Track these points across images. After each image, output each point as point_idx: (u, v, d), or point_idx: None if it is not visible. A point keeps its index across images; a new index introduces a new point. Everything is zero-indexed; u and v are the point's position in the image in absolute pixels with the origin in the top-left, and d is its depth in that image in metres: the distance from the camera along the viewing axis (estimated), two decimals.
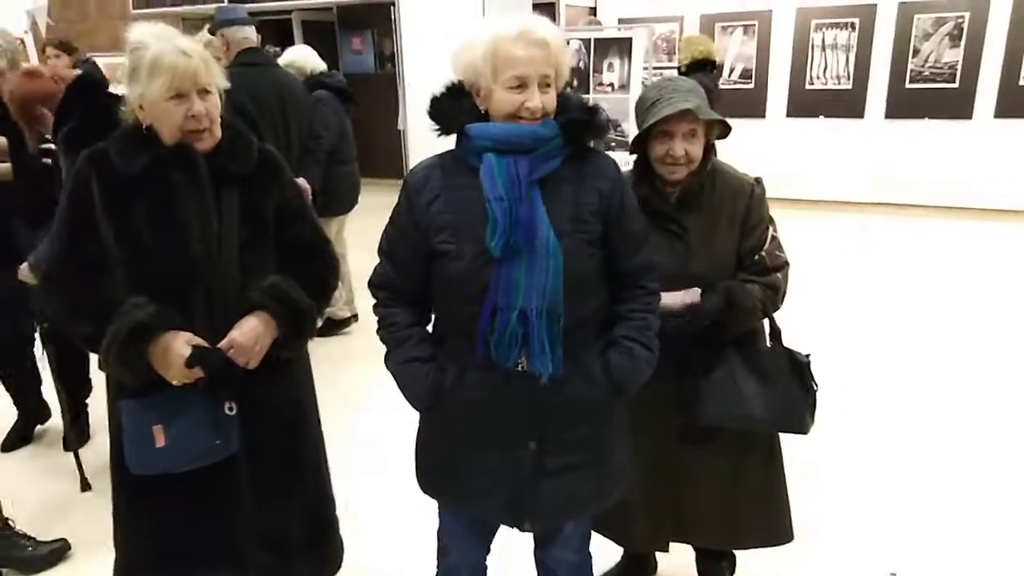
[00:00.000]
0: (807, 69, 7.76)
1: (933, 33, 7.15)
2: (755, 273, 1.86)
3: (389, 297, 1.61)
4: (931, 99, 7.26)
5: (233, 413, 1.69)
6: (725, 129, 1.88)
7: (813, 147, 7.82)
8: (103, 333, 1.57)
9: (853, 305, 4.98)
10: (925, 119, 7.34)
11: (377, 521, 2.65)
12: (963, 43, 7.04)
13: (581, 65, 5.14)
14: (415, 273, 1.57)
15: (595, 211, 1.52)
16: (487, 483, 1.59)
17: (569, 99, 1.54)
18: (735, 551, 2.21)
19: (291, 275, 1.76)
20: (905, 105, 7.39)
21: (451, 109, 1.51)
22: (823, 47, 7.65)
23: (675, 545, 2.11)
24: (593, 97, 5.13)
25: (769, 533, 2.04)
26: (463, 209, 1.49)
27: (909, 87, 7.35)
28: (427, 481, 1.71)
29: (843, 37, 7.54)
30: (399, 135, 8.17)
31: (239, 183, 1.72)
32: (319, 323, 1.83)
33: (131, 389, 1.65)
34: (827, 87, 7.70)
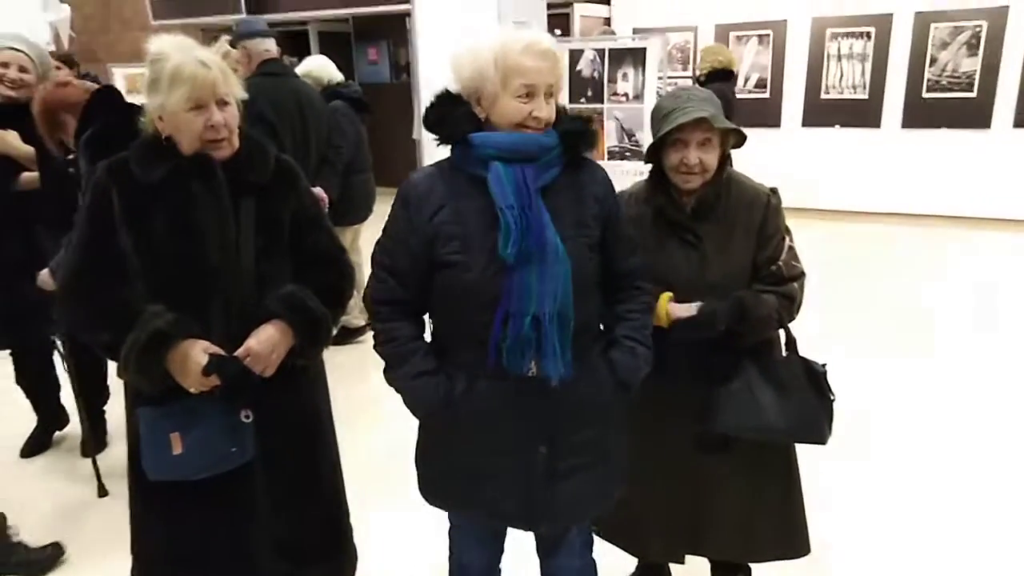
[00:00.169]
0: (823, 78, 7.71)
1: (950, 42, 7.10)
2: (771, 283, 1.85)
3: (390, 311, 1.59)
4: (948, 108, 7.19)
5: (249, 421, 1.70)
6: (740, 139, 1.88)
7: (828, 157, 7.76)
8: (122, 341, 1.59)
9: (869, 316, 4.93)
10: (942, 128, 7.27)
11: (391, 529, 2.65)
12: (981, 52, 6.98)
13: (595, 75, 5.14)
14: (415, 285, 1.56)
15: (595, 216, 1.58)
16: (498, 489, 1.59)
17: (560, 110, 1.57)
18: (751, 564, 2.19)
19: (307, 284, 1.77)
20: (922, 115, 7.33)
21: (452, 118, 1.52)
22: (839, 56, 7.60)
23: (689, 556, 2.10)
24: (607, 107, 5.13)
25: (786, 546, 2.03)
26: (471, 219, 1.50)
27: (926, 96, 7.28)
28: (432, 489, 1.71)
29: (859, 46, 7.50)
30: (414, 144, 8.19)
31: (256, 192, 1.74)
32: (334, 331, 1.84)
33: (148, 397, 1.67)
34: (843, 96, 7.65)
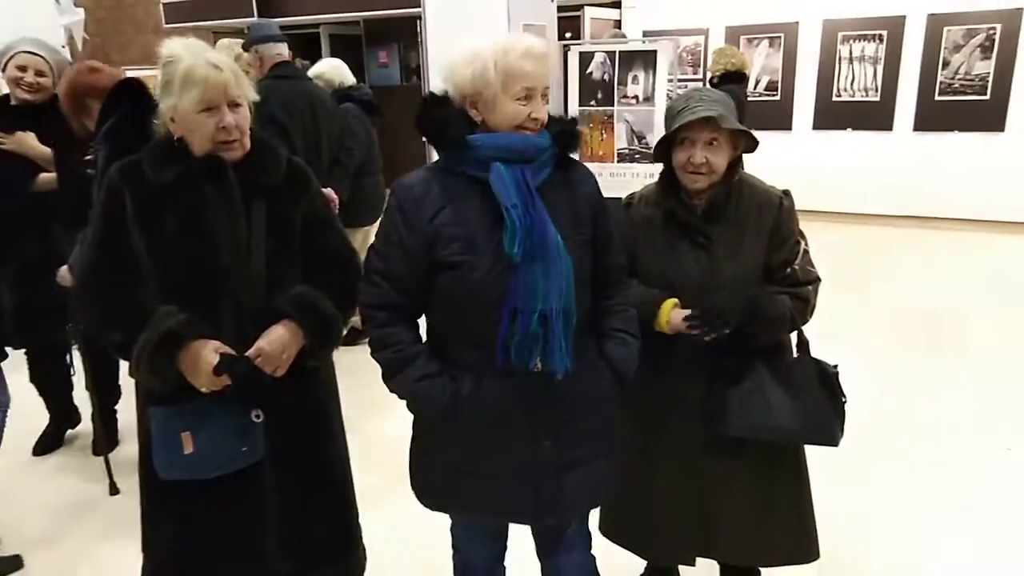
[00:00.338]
0: (834, 81, 7.68)
1: (964, 45, 7.05)
2: (786, 286, 1.84)
3: (387, 316, 1.58)
4: (961, 112, 7.15)
5: (260, 421, 1.71)
6: (752, 143, 1.86)
7: (840, 160, 7.73)
8: (134, 340, 1.60)
9: (881, 319, 4.90)
10: (955, 132, 7.23)
11: (400, 531, 2.65)
12: (994, 55, 6.93)
13: (605, 77, 5.13)
14: (413, 289, 1.56)
15: (588, 214, 1.62)
16: (504, 485, 1.60)
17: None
18: (760, 567, 2.18)
19: (318, 285, 1.77)
20: (935, 118, 7.28)
21: (447, 121, 1.53)
22: (850, 59, 7.57)
23: (700, 560, 2.09)
24: (618, 109, 5.12)
25: (796, 551, 2.01)
26: (473, 220, 1.51)
27: (939, 99, 7.23)
28: (433, 495, 1.71)
29: (871, 49, 7.46)
30: (423, 146, 8.22)
31: (267, 194, 1.75)
32: (344, 332, 1.85)
33: (160, 396, 1.68)
34: (855, 99, 7.61)
